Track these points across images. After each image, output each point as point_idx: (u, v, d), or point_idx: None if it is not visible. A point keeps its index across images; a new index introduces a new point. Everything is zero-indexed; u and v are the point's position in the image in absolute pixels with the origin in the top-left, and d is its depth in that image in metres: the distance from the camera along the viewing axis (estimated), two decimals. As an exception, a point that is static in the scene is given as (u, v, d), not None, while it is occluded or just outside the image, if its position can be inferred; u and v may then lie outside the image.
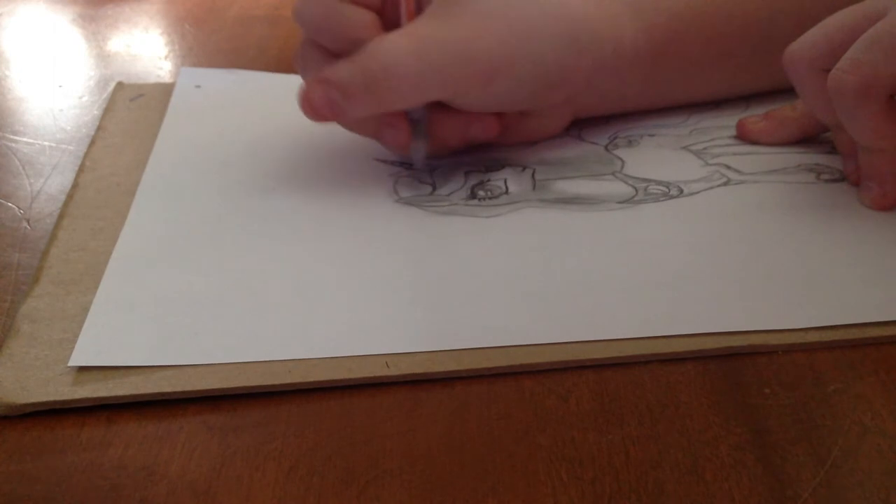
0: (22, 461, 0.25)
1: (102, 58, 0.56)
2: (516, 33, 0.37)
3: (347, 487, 0.25)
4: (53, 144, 0.44)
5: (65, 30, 0.61)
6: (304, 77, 0.39)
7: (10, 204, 0.39)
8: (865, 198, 0.37)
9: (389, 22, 0.38)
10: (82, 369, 0.28)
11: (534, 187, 0.39)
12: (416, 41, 0.36)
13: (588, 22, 0.39)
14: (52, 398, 0.27)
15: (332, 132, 0.44)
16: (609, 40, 0.40)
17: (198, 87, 0.49)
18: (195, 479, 0.25)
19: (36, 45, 0.58)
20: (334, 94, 0.36)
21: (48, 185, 0.40)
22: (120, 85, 0.50)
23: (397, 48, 0.35)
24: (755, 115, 0.43)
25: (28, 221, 0.38)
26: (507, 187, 0.39)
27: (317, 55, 0.38)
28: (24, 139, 0.45)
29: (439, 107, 0.39)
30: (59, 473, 0.25)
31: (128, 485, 0.25)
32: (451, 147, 0.41)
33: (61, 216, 0.37)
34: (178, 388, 0.27)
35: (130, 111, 0.47)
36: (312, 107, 0.36)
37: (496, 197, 0.38)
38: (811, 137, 0.42)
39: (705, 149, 0.42)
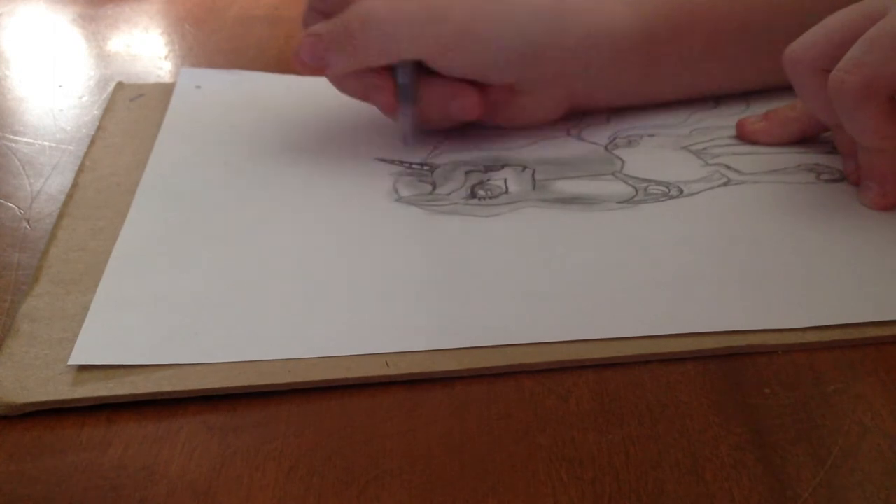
0: (22, 461, 0.25)
1: (102, 58, 0.56)
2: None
3: (347, 487, 0.25)
4: (53, 144, 0.44)
5: (65, 30, 0.61)
6: None
7: (10, 204, 0.39)
8: (865, 198, 0.37)
9: None
10: (82, 369, 0.28)
11: (534, 187, 0.39)
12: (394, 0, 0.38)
13: (576, 4, 0.41)
14: (51, 398, 0.27)
15: (333, 131, 0.44)
16: (599, 24, 0.41)
17: (198, 87, 0.49)
18: (195, 479, 0.25)
19: (36, 45, 0.58)
20: (319, 47, 0.39)
21: (48, 185, 0.40)
22: (120, 85, 0.50)
23: (376, 5, 0.38)
24: (755, 115, 0.43)
25: (28, 221, 0.38)
26: (507, 187, 0.39)
27: (317, 20, 0.40)
28: (24, 139, 0.45)
29: (424, 76, 0.40)
30: (59, 473, 0.25)
31: (128, 485, 0.25)
32: (435, 120, 0.42)
33: (61, 216, 0.37)
34: (178, 388, 0.27)
35: (130, 111, 0.47)
36: (299, 58, 0.39)
37: (496, 196, 0.38)
38: (811, 137, 0.42)
39: (705, 149, 0.42)
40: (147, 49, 0.57)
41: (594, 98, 0.44)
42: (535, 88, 0.42)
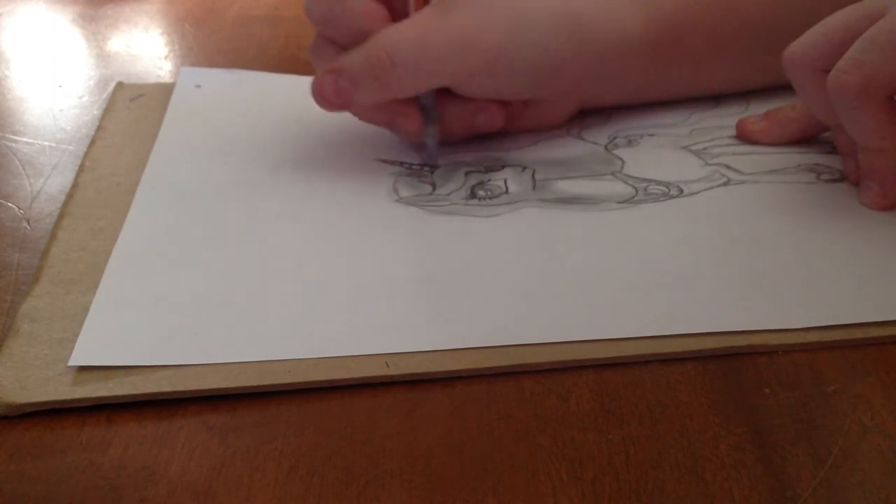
0: (22, 461, 0.25)
1: (102, 58, 0.56)
2: (516, 25, 0.39)
3: (347, 487, 0.25)
4: (53, 144, 0.44)
5: (65, 30, 0.61)
6: (317, 71, 0.40)
7: (10, 204, 0.39)
8: (865, 197, 0.37)
9: (398, 14, 0.39)
10: (82, 369, 0.28)
11: (533, 187, 0.39)
12: (420, 30, 0.37)
13: (590, 15, 0.40)
14: (51, 398, 0.27)
15: (333, 131, 0.44)
16: (612, 32, 0.41)
17: (198, 86, 0.49)
18: (195, 479, 0.25)
19: (36, 45, 0.58)
20: (343, 83, 0.37)
21: (48, 185, 0.40)
22: (120, 85, 0.50)
23: (402, 37, 0.37)
24: (755, 115, 0.43)
25: (28, 221, 0.38)
26: (506, 187, 0.39)
27: (328, 49, 0.40)
28: (24, 139, 0.45)
29: (447, 95, 0.40)
30: (59, 473, 0.25)
31: (128, 485, 0.25)
32: (459, 135, 0.42)
33: (61, 216, 0.37)
34: (178, 388, 0.27)
35: (130, 111, 0.47)
36: (323, 96, 0.38)
37: (496, 197, 0.38)
38: (811, 137, 0.42)
39: (705, 149, 0.42)
40: (147, 49, 0.57)
41: (602, 100, 0.45)
42: (550, 99, 0.42)
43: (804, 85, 0.37)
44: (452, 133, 0.42)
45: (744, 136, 0.42)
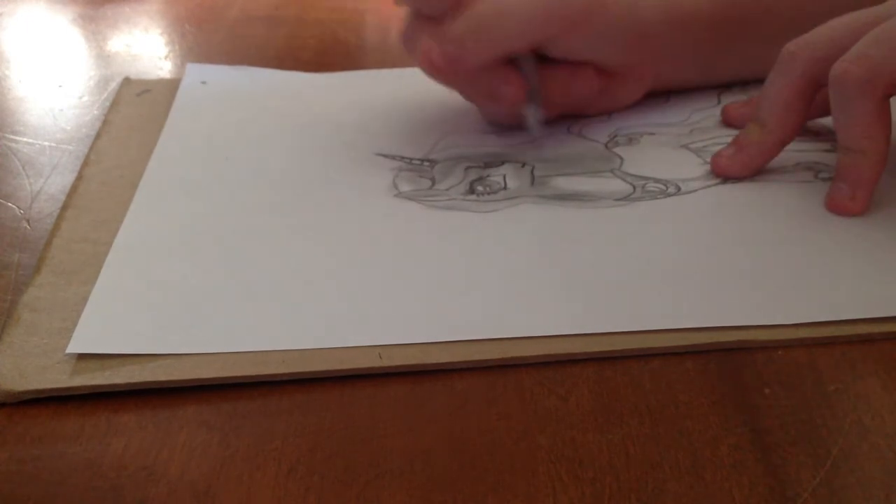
0: (21, 461, 0.26)
1: (102, 58, 0.56)
2: None
3: (347, 487, 0.25)
4: (53, 144, 0.44)
5: (65, 30, 0.61)
6: (412, 54, 0.41)
7: (10, 204, 0.39)
8: (833, 199, 0.36)
9: None
10: (80, 358, 0.28)
11: (532, 183, 0.39)
12: None
13: None
14: (49, 385, 0.27)
15: (335, 127, 0.44)
16: (690, 3, 0.43)
17: (203, 83, 0.50)
18: (195, 479, 0.25)
19: (36, 45, 0.58)
20: (450, 48, 0.38)
21: (48, 185, 0.40)
22: (127, 80, 0.50)
23: None
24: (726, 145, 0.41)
25: (28, 221, 0.38)
26: (505, 183, 0.39)
27: (424, 28, 0.40)
28: (24, 139, 0.45)
29: (543, 65, 0.41)
30: (59, 473, 0.25)
31: (128, 485, 0.25)
32: (558, 104, 0.43)
33: (65, 207, 0.37)
34: (174, 378, 0.28)
35: (136, 106, 0.47)
36: (431, 62, 0.39)
37: (495, 192, 0.38)
38: (810, 136, 0.42)
39: (705, 147, 0.42)
40: (147, 49, 0.57)
41: (675, 75, 0.46)
42: (630, 72, 0.43)
43: (794, 75, 0.37)
44: (552, 101, 0.42)
45: (719, 171, 0.40)
